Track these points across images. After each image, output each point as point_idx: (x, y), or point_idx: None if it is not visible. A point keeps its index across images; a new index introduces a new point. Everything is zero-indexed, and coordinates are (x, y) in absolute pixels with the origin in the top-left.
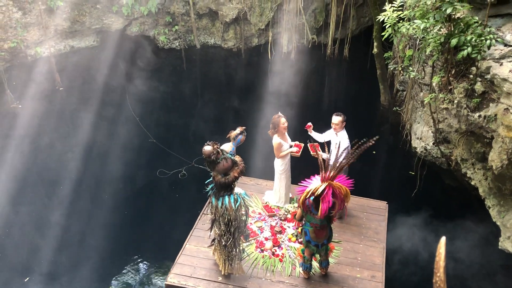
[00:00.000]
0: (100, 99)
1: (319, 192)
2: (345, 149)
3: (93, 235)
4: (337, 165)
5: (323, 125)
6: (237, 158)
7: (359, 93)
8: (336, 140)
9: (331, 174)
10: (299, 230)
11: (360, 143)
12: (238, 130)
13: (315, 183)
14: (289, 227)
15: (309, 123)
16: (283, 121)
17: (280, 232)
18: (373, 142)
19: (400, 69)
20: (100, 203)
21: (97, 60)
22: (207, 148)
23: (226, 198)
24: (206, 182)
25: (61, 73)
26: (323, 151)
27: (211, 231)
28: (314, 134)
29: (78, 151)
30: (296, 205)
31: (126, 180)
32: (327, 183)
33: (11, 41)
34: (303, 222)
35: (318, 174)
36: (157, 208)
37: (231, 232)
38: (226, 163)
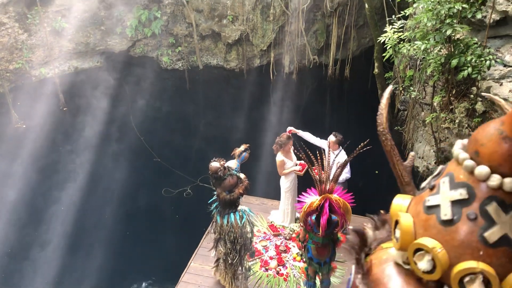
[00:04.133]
0: (104, 119)
1: (316, 205)
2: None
3: (97, 254)
4: (332, 176)
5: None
6: (242, 176)
7: (360, 113)
8: (333, 157)
9: (328, 186)
10: (302, 249)
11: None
12: (242, 147)
13: (312, 198)
14: (294, 246)
15: (289, 128)
16: (291, 143)
17: (285, 251)
18: (364, 146)
19: (401, 89)
20: (104, 222)
21: (101, 81)
22: (214, 164)
23: (232, 215)
24: (209, 202)
25: (65, 94)
26: (316, 157)
27: (215, 251)
28: (303, 133)
29: (82, 171)
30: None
31: (131, 199)
32: (323, 196)
33: (16, 62)
34: (307, 240)
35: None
36: (162, 226)
37: (237, 250)
38: (232, 180)
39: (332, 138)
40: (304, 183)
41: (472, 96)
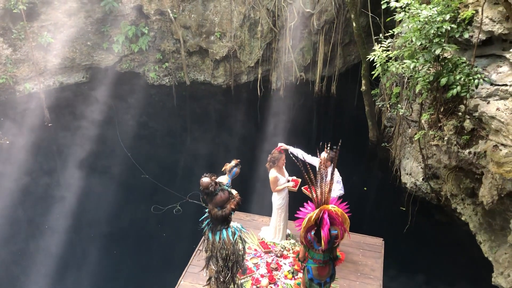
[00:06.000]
0: (90, 135)
1: (314, 218)
2: (337, 182)
3: (84, 274)
4: (324, 186)
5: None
6: (234, 191)
7: (347, 129)
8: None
9: (324, 197)
10: (300, 269)
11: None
12: (233, 162)
13: (309, 212)
14: (285, 263)
15: (280, 144)
16: (283, 157)
17: (276, 269)
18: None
19: (388, 106)
20: (91, 241)
21: (86, 96)
22: (205, 179)
23: (224, 231)
24: (200, 220)
25: (50, 109)
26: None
27: (206, 269)
28: (294, 150)
29: (68, 188)
30: (292, 241)
31: (119, 216)
32: (321, 207)
33: (0, 77)
34: (307, 260)
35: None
36: (151, 244)
37: (229, 267)
38: (223, 195)
39: (324, 155)
40: (296, 200)
41: (460, 114)
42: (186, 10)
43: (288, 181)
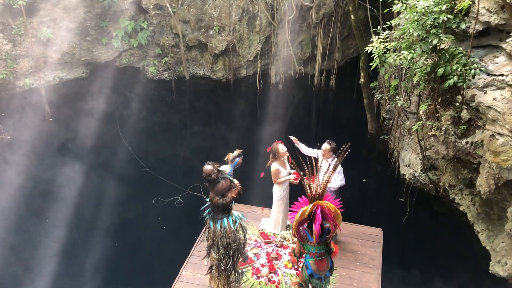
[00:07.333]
0: (91, 130)
1: (308, 213)
2: (338, 173)
3: (86, 266)
4: (321, 182)
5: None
6: (235, 181)
7: (346, 122)
8: (326, 165)
9: (318, 193)
10: (300, 268)
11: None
12: (236, 152)
13: (303, 206)
14: (285, 253)
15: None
16: (281, 147)
17: (276, 259)
18: (347, 148)
19: (386, 98)
20: (93, 234)
21: (86, 91)
22: (208, 167)
23: (225, 220)
24: (201, 209)
25: (51, 104)
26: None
27: (208, 257)
28: (301, 146)
29: (69, 182)
30: (292, 231)
31: (121, 209)
32: (314, 203)
33: (0, 73)
34: (303, 256)
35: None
36: (153, 236)
37: (230, 255)
38: (225, 183)
39: (326, 146)
40: (296, 192)
41: (457, 104)
42: (185, 5)
43: (290, 174)
